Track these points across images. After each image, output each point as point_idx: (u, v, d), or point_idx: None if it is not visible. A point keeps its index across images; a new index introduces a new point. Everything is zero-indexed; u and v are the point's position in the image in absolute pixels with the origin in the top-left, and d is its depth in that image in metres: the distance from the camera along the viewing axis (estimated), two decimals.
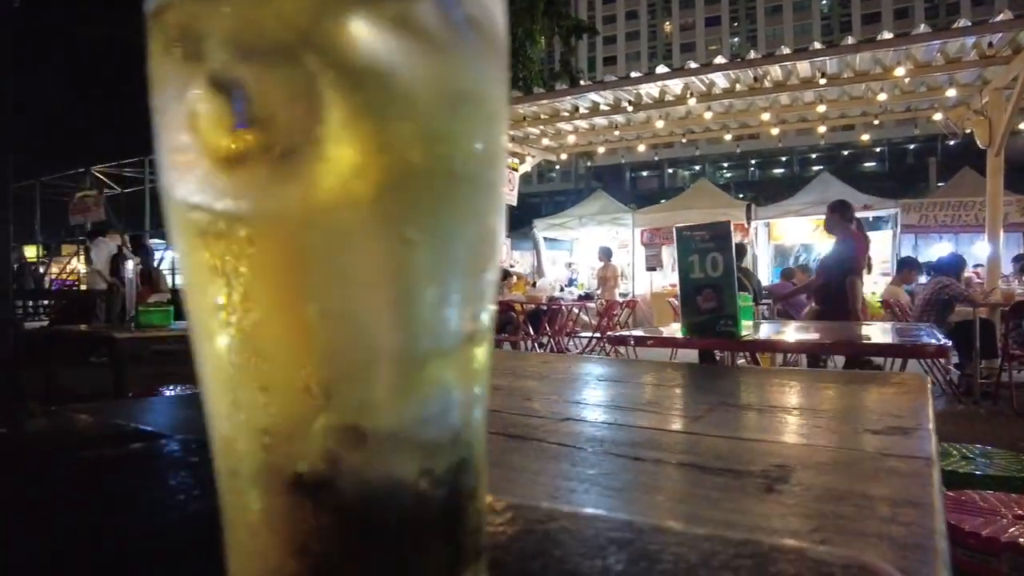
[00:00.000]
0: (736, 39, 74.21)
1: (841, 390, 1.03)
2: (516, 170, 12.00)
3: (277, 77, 0.19)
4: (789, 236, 15.20)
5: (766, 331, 2.17)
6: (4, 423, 0.69)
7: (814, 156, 59.00)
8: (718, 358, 3.00)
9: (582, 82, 9.91)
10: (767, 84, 8.74)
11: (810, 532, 0.42)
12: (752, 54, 8.37)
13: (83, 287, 16.14)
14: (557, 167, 15.83)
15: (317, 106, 0.19)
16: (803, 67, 8.30)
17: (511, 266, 13.11)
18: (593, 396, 0.98)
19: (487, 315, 0.23)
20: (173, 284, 10.74)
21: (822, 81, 8.39)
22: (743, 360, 4.34)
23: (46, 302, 14.26)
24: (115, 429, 0.63)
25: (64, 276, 16.77)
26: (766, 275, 14.00)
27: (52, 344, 3.25)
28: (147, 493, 0.44)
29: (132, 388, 3.33)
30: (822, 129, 10.77)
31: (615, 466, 0.58)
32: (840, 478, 0.54)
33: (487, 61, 0.22)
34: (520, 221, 17.97)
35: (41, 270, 16.78)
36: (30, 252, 17.74)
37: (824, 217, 6.28)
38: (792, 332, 2.27)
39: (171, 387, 4.22)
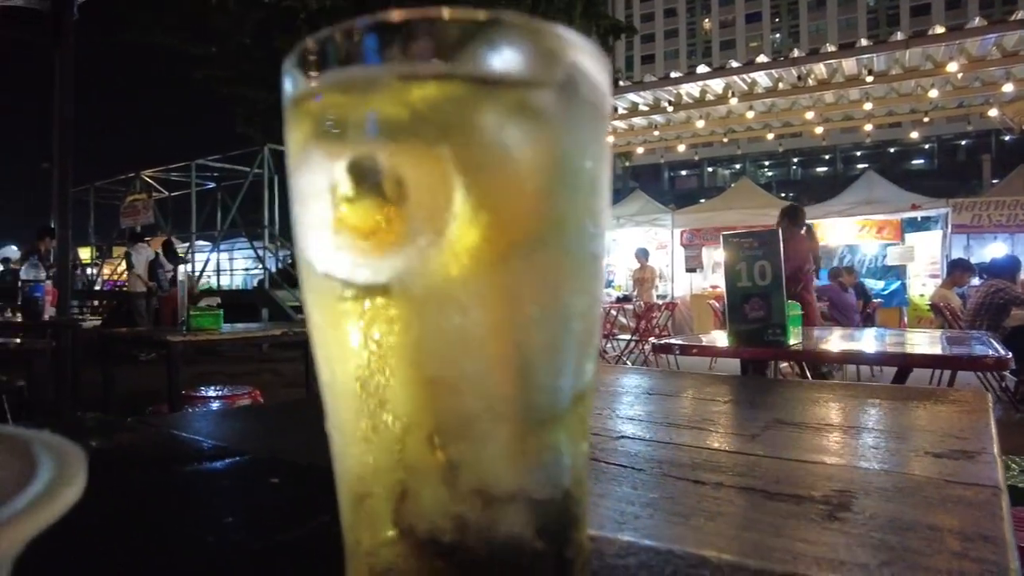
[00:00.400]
0: (778, 35, 72.74)
1: (896, 407, 1.01)
2: None
3: (413, 161, 0.21)
4: (832, 237, 14.83)
5: (815, 340, 2.14)
6: (88, 435, 0.74)
7: (859, 153, 57.45)
8: (766, 369, 2.98)
9: (621, 82, 9.83)
10: (811, 82, 8.56)
11: (880, 566, 0.42)
12: (795, 52, 8.21)
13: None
14: None
15: (449, 188, 0.21)
16: (849, 65, 8.11)
17: None
18: (644, 411, 0.99)
19: (592, 373, 0.25)
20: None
21: (869, 79, 8.19)
22: (786, 367, 4.27)
23: (96, 302, 14.82)
24: (194, 446, 0.67)
25: (115, 277, 17.38)
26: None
27: (108, 345, 3.38)
28: (236, 514, 0.47)
29: (182, 387, 3.46)
30: (868, 127, 10.50)
31: (676, 489, 0.59)
32: (904, 507, 0.54)
33: (599, 139, 0.24)
34: None
35: (94, 271, 17.41)
36: (84, 254, 18.44)
37: (864, 218, 6.24)
38: (840, 341, 2.23)
39: (218, 387, 4.35)
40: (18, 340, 2.38)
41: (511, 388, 0.22)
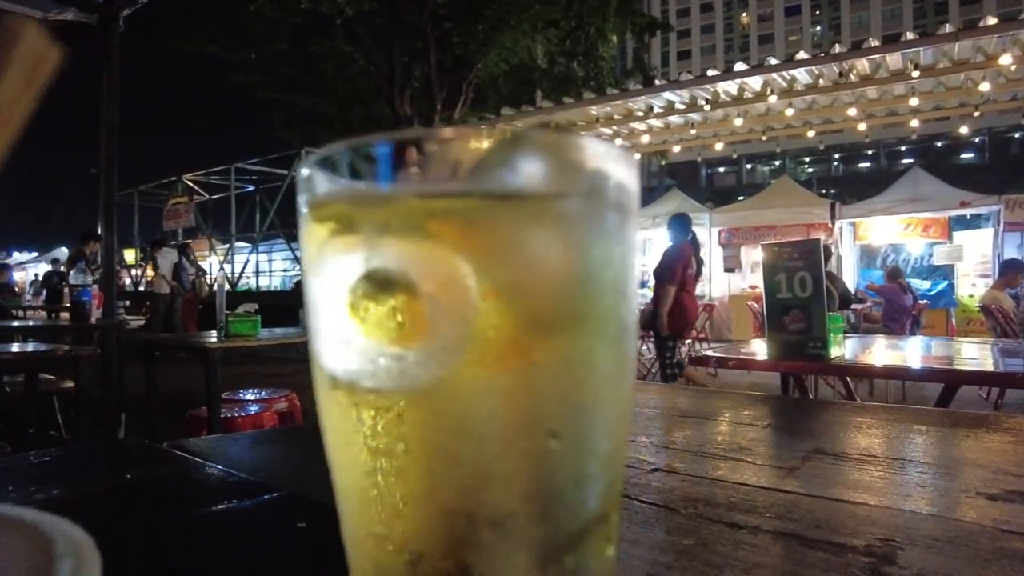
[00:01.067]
0: (818, 28, 71.02)
1: (944, 435, 0.97)
2: None
3: (429, 274, 0.20)
4: (877, 236, 14.43)
5: (856, 352, 2.08)
6: (125, 465, 0.75)
7: (903, 148, 55.73)
8: (805, 384, 2.91)
9: (657, 81, 9.73)
10: (853, 78, 8.33)
11: None
12: (836, 48, 7.99)
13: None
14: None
15: (466, 301, 0.20)
16: (893, 59, 7.87)
17: None
18: (680, 438, 0.97)
19: (619, 486, 0.24)
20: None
21: (915, 74, 7.92)
22: (832, 380, 4.17)
23: (128, 302, 15.29)
24: (221, 481, 0.67)
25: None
26: (851, 278, 13.34)
27: (150, 348, 3.47)
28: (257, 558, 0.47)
29: (221, 388, 3.54)
30: (914, 123, 10.17)
31: (711, 534, 0.58)
32: (954, 560, 0.52)
33: (624, 239, 0.23)
34: None
35: (138, 272, 17.98)
36: (129, 255, 19.07)
37: (909, 216, 6.25)
38: (884, 353, 2.16)
39: (256, 391, 4.43)
40: (66, 346, 2.46)
41: (530, 512, 0.21)
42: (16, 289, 12.74)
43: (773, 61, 8.30)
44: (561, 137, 0.21)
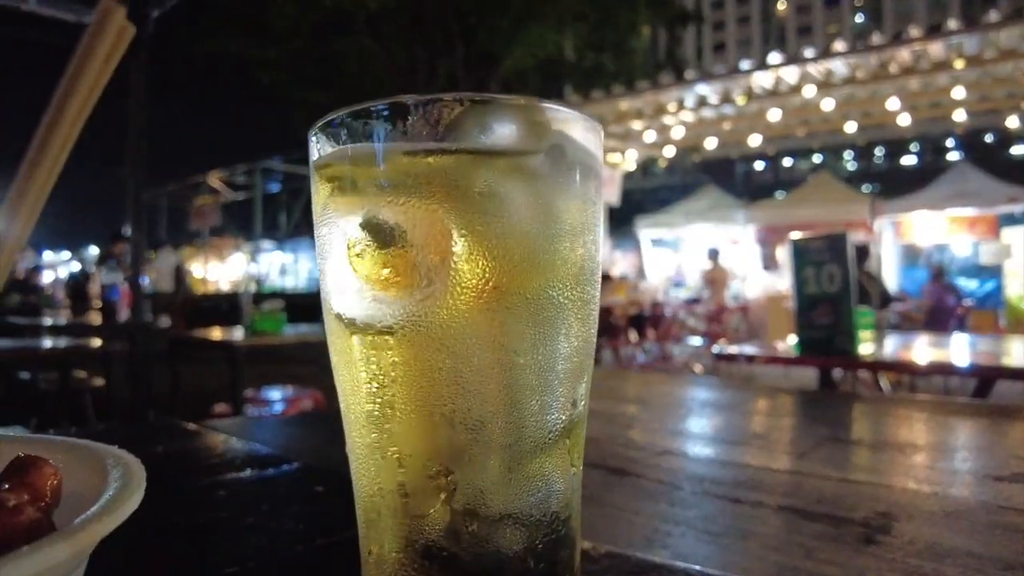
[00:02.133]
0: (859, 18, 69.17)
1: (965, 424, 0.97)
2: (618, 167, 11.85)
3: (414, 220, 0.24)
4: (920, 234, 14.01)
5: (890, 347, 2.05)
6: (157, 439, 0.80)
7: (950, 143, 54.01)
8: (836, 379, 2.85)
9: (688, 74, 9.61)
10: (893, 70, 8.10)
11: None
12: (875, 38, 7.80)
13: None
14: (662, 165, 15.44)
15: (446, 243, 0.23)
16: (936, 49, 7.63)
17: (611, 266, 12.92)
18: (695, 426, 0.98)
19: (583, 403, 0.27)
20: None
21: (959, 64, 7.68)
22: (865, 374, 4.07)
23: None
24: (248, 453, 0.71)
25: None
26: (893, 278, 12.99)
27: (177, 346, 3.56)
28: (280, 522, 0.51)
29: (245, 386, 3.60)
30: (959, 116, 9.85)
31: (713, 508, 0.60)
32: (948, 531, 0.53)
33: (587, 194, 0.26)
34: (622, 219, 17.61)
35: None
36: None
37: (955, 213, 5.90)
38: (919, 349, 2.13)
39: (281, 389, 4.52)
40: (98, 343, 2.57)
41: (500, 421, 0.24)
42: (48, 290, 13.20)
43: (809, 53, 8.14)
44: (526, 102, 0.24)
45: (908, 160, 59.03)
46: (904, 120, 9.87)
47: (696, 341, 9.70)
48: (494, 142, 0.24)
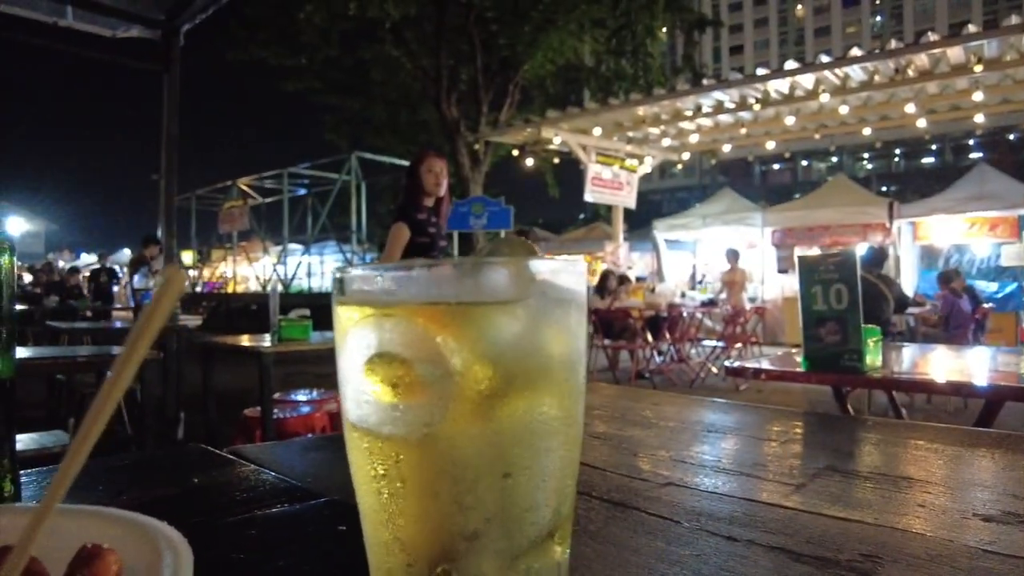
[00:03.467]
0: (879, 18, 68.37)
1: (963, 455, 0.99)
2: (634, 171, 11.87)
3: (421, 350, 0.28)
4: (938, 236, 13.86)
5: (904, 363, 2.06)
6: (189, 470, 0.85)
7: (971, 143, 53.24)
8: (845, 393, 2.85)
9: (704, 81, 9.61)
10: (911, 74, 8.06)
11: None
12: (893, 43, 7.75)
13: (229, 290, 17.93)
14: (680, 166, 15.41)
15: (448, 370, 0.28)
16: (955, 53, 7.57)
17: (628, 268, 12.90)
18: (699, 453, 1.01)
19: (570, 502, 0.31)
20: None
21: (978, 68, 7.61)
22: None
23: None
24: (273, 488, 0.76)
25: (214, 279, 18.71)
26: (910, 281, 12.86)
27: (207, 351, 3.65)
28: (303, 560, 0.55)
29: (274, 388, 3.70)
30: (979, 118, 9.76)
31: (708, 546, 0.63)
32: None
33: (569, 326, 0.30)
34: (639, 220, 17.58)
35: (195, 273, 18.75)
36: (187, 258, 19.91)
37: (975, 215, 5.80)
38: (928, 365, 2.14)
39: (306, 391, 4.60)
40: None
41: (494, 531, 0.28)
42: (86, 292, 13.46)
43: (825, 58, 8.11)
44: (516, 261, 0.29)
45: (928, 160, 58.20)
46: (922, 123, 9.79)
47: (713, 343, 9.68)
48: (485, 295, 0.28)
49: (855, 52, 7.80)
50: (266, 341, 3.11)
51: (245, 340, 3.18)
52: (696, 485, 0.83)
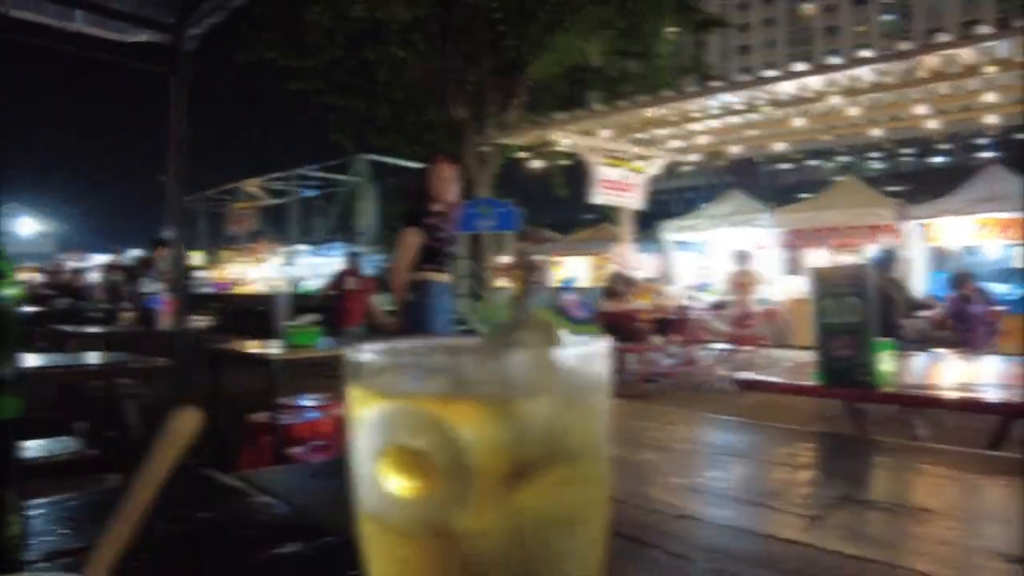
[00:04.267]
0: (888, 17, 67.88)
1: (983, 484, 0.98)
2: (643, 173, 11.83)
3: (439, 438, 0.27)
4: (949, 237, 13.73)
5: (916, 375, 2.04)
6: (197, 500, 0.85)
7: (982, 141, 52.80)
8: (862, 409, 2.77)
9: (713, 83, 9.56)
10: (922, 75, 7.98)
11: None
12: (904, 45, 7.68)
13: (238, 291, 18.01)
14: (686, 167, 15.35)
15: (464, 461, 0.27)
16: (968, 54, 7.49)
17: (636, 269, 12.82)
18: (713, 480, 1.00)
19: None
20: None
21: (991, 69, 7.53)
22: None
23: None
24: (276, 522, 0.75)
25: (223, 280, 18.81)
26: (920, 282, 12.74)
27: (216, 357, 3.66)
28: None
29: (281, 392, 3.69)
30: (991, 118, 9.66)
31: None
32: None
33: (592, 405, 0.29)
34: (647, 221, 17.50)
35: (204, 274, 18.83)
36: (196, 258, 19.99)
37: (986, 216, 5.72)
38: (940, 378, 2.11)
39: (313, 396, 4.59)
40: (144, 359, 2.66)
41: None
42: (96, 294, 13.48)
43: (835, 60, 8.05)
44: (542, 351, 0.28)
45: (936, 159, 57.75)
46: (933, 124, 9.70)
47: (721, 346, 9.62)
48: (509, 387, 0.28)
49: (866, 53, 7.73)
50: (275, 348, 3.11)
51: (254, 347, 3.18)
52: (711, 518, 0.82)
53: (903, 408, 2.86)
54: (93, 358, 2.87)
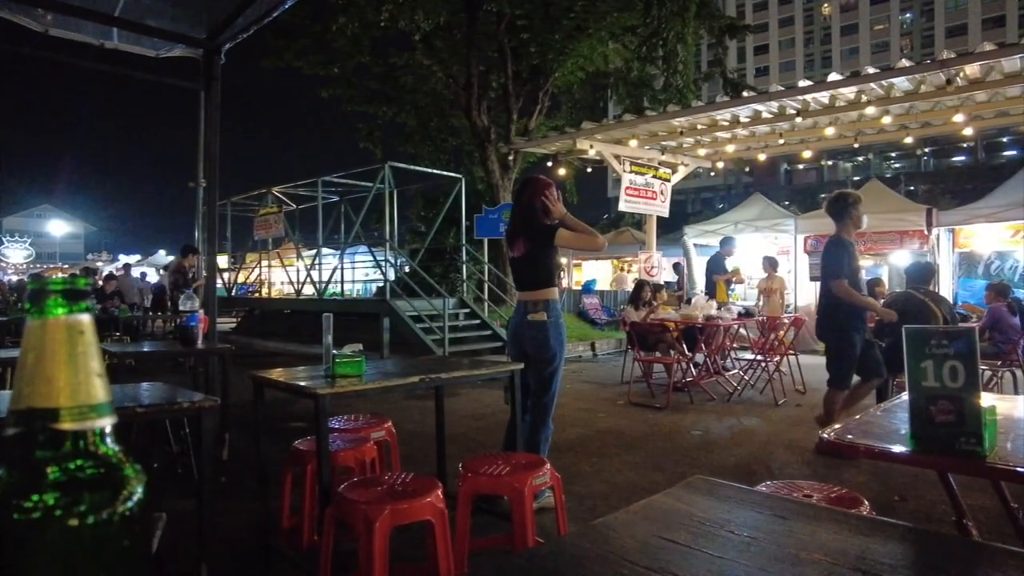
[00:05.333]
0: (908, 15, 67.09)
1: None
2: (668, 180, 11.73)
3: None
4: (979, 242, 13.49)
5: (1018, 437, 1.94)
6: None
7: (1005, 139, 51.96)
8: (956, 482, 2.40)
9: (744, 93, 9.45)
10: (960, 82, 7.82)
11: None
12: (945, 51, 7.52)
13: (259, 294, 18.10)
14: (712, 173, 15.24)
15: None
16: (1011, 63, 7.32)
17: (658, 275, 12.70)
18: None
19: None
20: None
21: None
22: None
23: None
24: None
25: (248, 282, 18.89)
26: (948, 288, 12.55)
27: (258, 386, 3.57)
28: None
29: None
30: None
31: None
32: None
33: None
34: (667, 223, 17.41)
35: (229, 277, 18.92)
36: (223, 262, 20.12)
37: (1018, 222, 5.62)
38: None
39: (350, 418, 4.56)
40: (189, 401, 2.61)
41: None
42: (131, 300, 13.54)
43: (871, 70, 7.90)
44: None
45: (958, 159, 57.01)
46: (968, 131, 9.52)
47: (749, 356, 9.50)
48: None
49: (904, 63, 7.58)
50: (321, 381, 3.07)
51: (300, 378, 3.14)
52: None
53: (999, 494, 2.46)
54: (134, 394, 2.83)
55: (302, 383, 3.17)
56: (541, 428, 4.13)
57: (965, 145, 54.52)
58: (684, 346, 8.99)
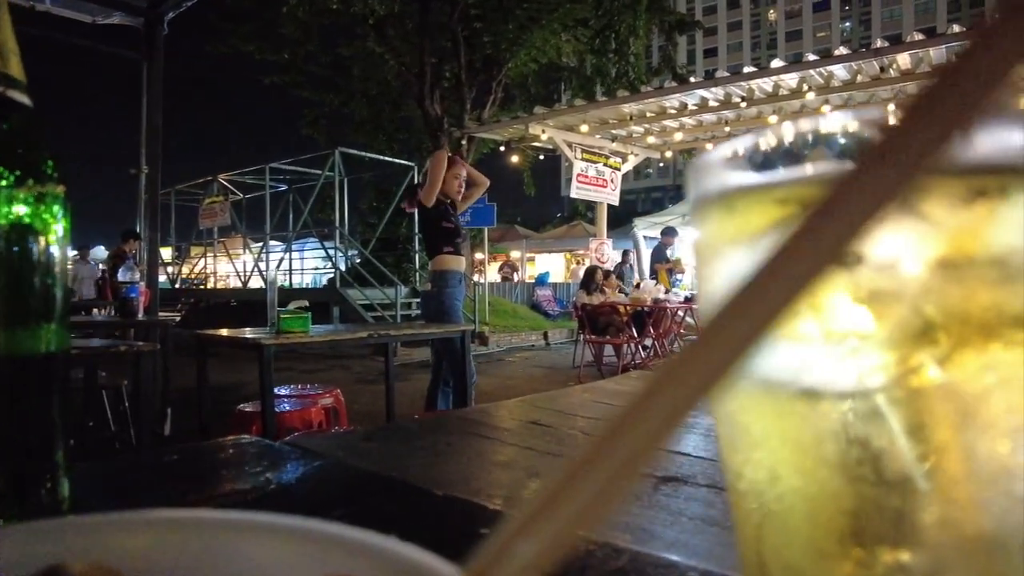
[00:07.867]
0: (848, 24, 69.86)
1: None
2: (619, 169, 11.89)
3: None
4: None
5: None
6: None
7: None
8: None
9: (692, 79, 9.65)
10: (893, 73, 8.17)
11: None
12: (879, 42, 7.84)
13: (208, 286, 17.59)
14: (660, 164, 15.51)
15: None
16: (937, 53, 7.68)
17: (606, 262, 12.86)
18: None
19: None
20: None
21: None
22: None
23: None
24: None
25: (193, 276, 18.31)
26: None
27: (203, 344, 3.50)
28: None
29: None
30: None
31: None
32: None
33: None
34: (616, 219, 17.66)
35: (174, 270, 18.32)
36: (166, 254, 19.43)
37: None
38: None
39: (298, 386, 4.47)
40: (122, 348, 2.52)
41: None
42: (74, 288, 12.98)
43: (811, 57, 8.18)
44: None
45: None
46: None
47: (693, 337, 9.67)
48: None
49: (841, 50, 7.87)
50: (266, 333, 2.99)
51: (246, 332, 3.06)
52: None
53: None
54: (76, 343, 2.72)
55: (247, 336, 3.09)
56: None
57: None
58: (633, 330, 9.13)
